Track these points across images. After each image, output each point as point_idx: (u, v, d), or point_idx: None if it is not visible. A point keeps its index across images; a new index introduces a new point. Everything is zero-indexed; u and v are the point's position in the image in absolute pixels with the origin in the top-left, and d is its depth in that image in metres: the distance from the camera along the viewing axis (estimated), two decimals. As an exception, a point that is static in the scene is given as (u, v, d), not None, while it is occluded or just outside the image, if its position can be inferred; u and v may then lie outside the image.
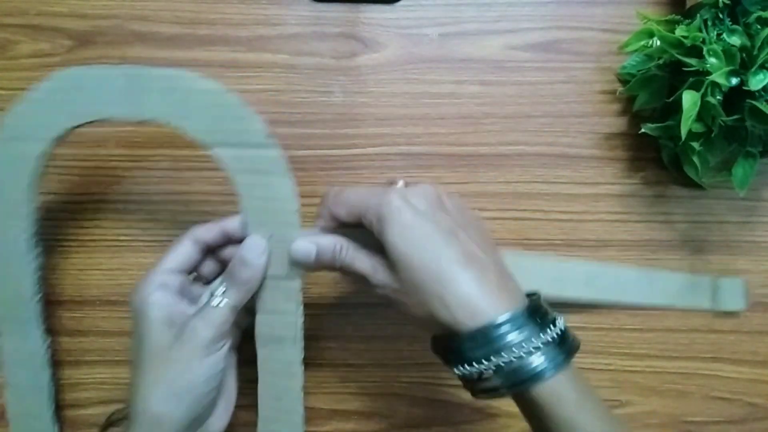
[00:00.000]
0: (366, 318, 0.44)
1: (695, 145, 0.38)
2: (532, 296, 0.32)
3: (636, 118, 0.44)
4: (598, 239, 0.44)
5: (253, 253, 0.33)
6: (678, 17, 0.40)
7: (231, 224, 0.35)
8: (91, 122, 0.35)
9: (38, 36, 0.43)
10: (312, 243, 0.33)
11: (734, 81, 0.36)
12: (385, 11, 0.44)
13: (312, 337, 0.43)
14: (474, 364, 0.29)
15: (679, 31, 0.38)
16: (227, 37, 0.44)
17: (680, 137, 0.37)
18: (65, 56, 0.43)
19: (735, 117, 0.37)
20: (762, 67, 0.36)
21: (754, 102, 0.36)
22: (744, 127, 0.38)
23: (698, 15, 0.38)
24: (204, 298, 0.34)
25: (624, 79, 0.43)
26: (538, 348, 0.29)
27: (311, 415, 0.43)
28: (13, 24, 0.43)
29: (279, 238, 0.34)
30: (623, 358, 0.44)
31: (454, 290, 0.29)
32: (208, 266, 0.36)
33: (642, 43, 0.40)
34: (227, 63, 0.44)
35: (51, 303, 0.42)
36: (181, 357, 0.31)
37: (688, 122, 0.36)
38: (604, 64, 0.44)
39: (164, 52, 0.44)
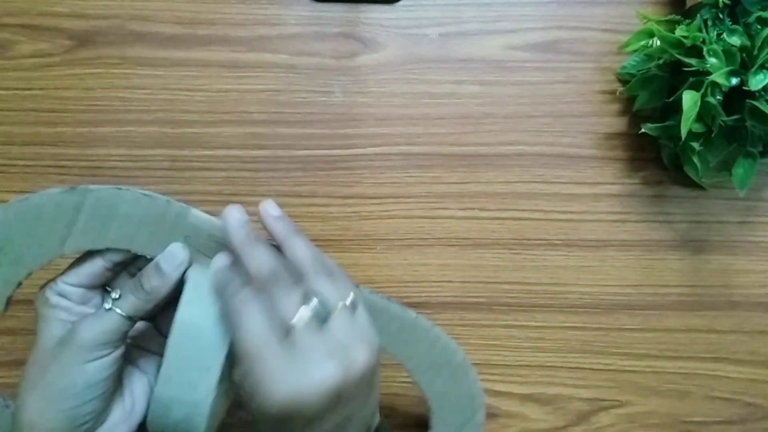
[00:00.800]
0: (366, 318, 0.44)
1: (695, 145, 0.38)
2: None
3: (636, 118, 0.44)
4: (598, 239, 0.44)
5: (171, 263, 0.30)
6: (678, 17, 0.40)
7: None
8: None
9: (38, 36, 0.43)
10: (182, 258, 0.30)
11: (734, 81, 0.36)
12: (385, 11, 0.44)
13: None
14: None
15: (679, 31, 0.38)
16: (227, 37, 0.44)
17: (680, 137, 0.37)
18: (65, 56, 0.43)
19: (735, 117, 0.37)
20: (762, 67, 0.36)
21: (754, 102, 0.36)
22: (744, 127, 0.38)
23: (698, 15, 0.38)
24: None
25: (624, 79, 0.43)
26: None
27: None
28: (13, 24, 0.43)
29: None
30: (623, 358, 0.44)
31: None
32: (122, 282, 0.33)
33: (642, 43, 0.40)
34: (227, 63, 0.44)
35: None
36: (61, 360, 0.29)
37: (688, 122, 0.36)
38: (604, 64, 0.44)
39: (164, 52, 0.44)
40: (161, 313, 0.33)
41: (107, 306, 0.30)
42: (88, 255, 0.31)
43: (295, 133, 0.44)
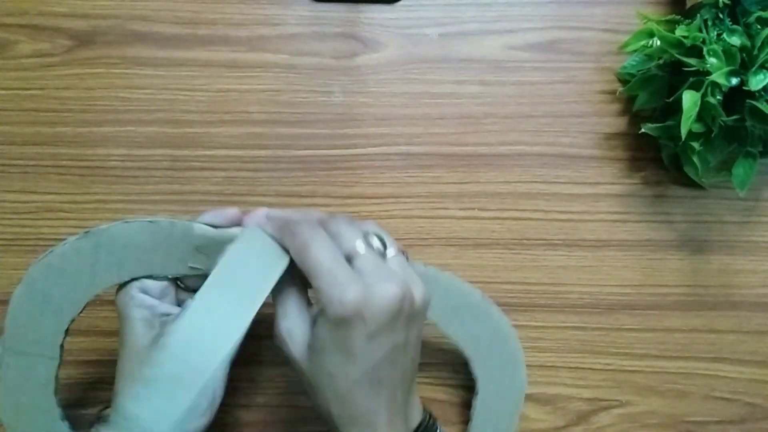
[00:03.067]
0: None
1: (695, 145, 0.38)
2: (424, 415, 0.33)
3: (636, 118, 0.44)
4: (598, 239, 0.44)
5: None
6: (678, 17, 0.40)
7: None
8: None
9: (38, 36, 0.43)
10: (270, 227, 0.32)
11: (734, 81, 0.36)
12: (385, 11, 0.44)
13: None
14: None
15: (679, 31, 0.38)
16: (227, 37, 0.44)
17: (680, 137, 0.37)
18: (65, 56, 0.43)
19: (735, 117, 0.37)
20: (762, 67, 0.36)
21: (754, 102, 0.36)
22: (744, 127, 0.38)
23: (698, 15, 0.38)
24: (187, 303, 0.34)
25: (624, 79, 0.43)
26: None
27: (311, 415, 0.43)
28: (13, 24, 0.43)
29: None
30: (623, 358, 0.44)
31: (355, 417, 0.30)
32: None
33: (642, 43, 0.40)
34: (227, 63, 0.44)
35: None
36: None
37: (688, 122, 0.36)
38: (604, 64, 0.44)
39: (164, 52, 0.44)
40: None
41: None
42: None
43: (295, 133, 0.44)
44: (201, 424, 0.34)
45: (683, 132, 0.36)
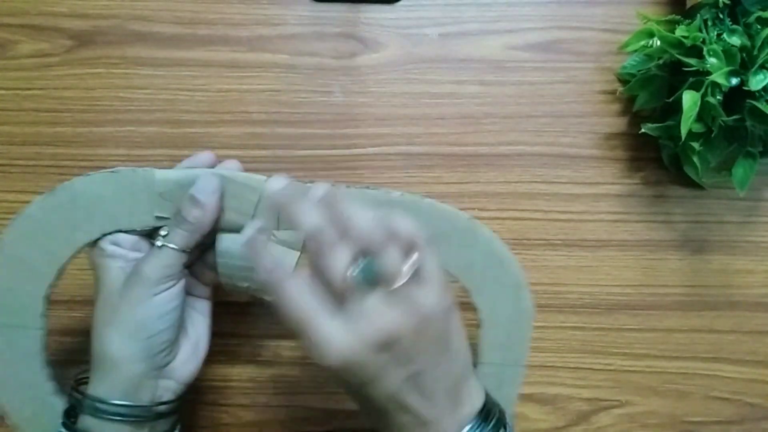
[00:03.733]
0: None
1: (695, 145, 0.38)
2: (486, 399, 0.30)
3: (636, 118, 0.44)
4: (598, 239, 0.44)
5: (204, 192, 0.32)
6: (678, 17, 0.40)
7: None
8: None
9: (38, 36, 0.43)
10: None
11: (734, 81, 0.36)
12: (385, 11, 0.44)
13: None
14: None
15: (679, 31, 0.38)
16: (227, 37, 0.44)
17: (680, 137, 0.37)
18: (65, 56, 0.43)
19: (735, 117, 0.37)
20: (762, 67, 0.36)
21: (754, 102, 0.36)
22: (744, 127, 0.38)
23: (698, 15, 0.38)
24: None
25: (624, 79, 0.43)
26: None
27: (311, 415, 0.43)
28: (13, 24, 0.43)
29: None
30: (623, 358, 0.44)
31: (401, 416, 0.27)
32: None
33: (642, 43, 0.40)
34: (227, 63, 0.44)
35: (51, 303, 0.42)
36: (130, 298, 0.32)
37: (688, 122, 0.36)
38: (604, 64, 0.44)
39: (164, 52, 0.44)
40: (201, 263, 0.36)
41: (159, 243, 0.32)
42: None
43: (295, 133, 0.44)
44: (186, 372, 0.34)
45: (683, 132, 0.36)
